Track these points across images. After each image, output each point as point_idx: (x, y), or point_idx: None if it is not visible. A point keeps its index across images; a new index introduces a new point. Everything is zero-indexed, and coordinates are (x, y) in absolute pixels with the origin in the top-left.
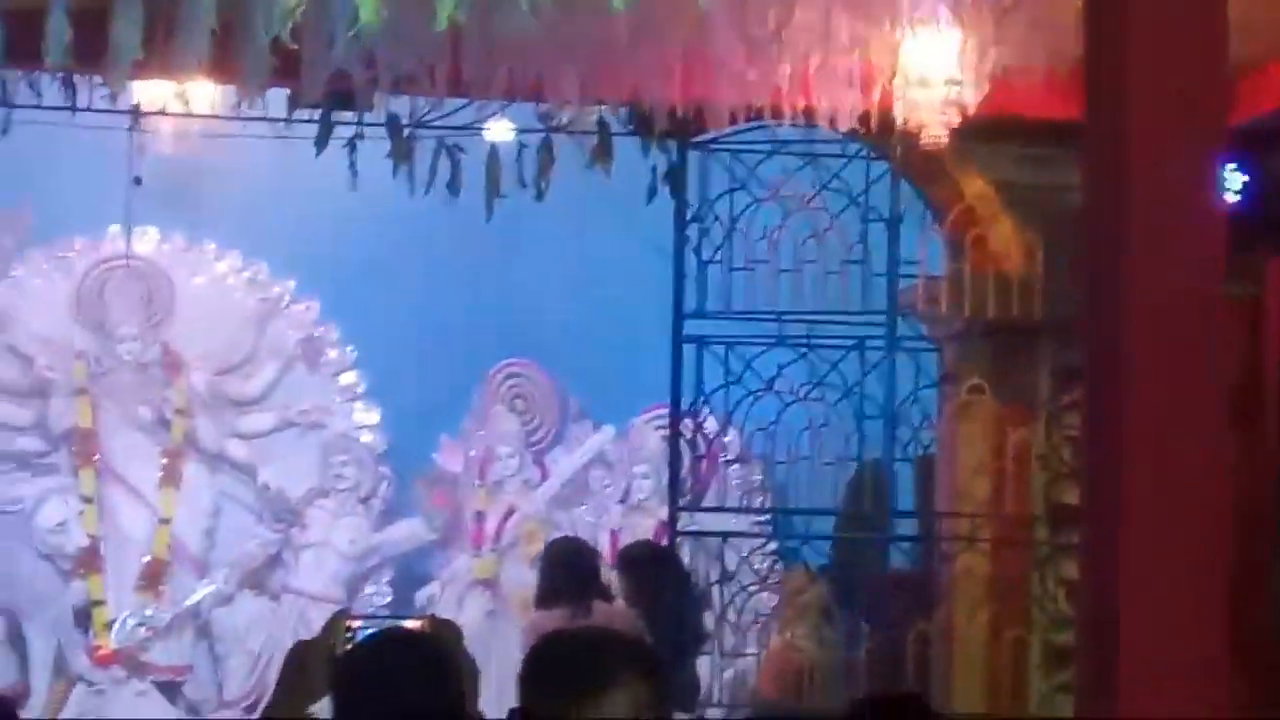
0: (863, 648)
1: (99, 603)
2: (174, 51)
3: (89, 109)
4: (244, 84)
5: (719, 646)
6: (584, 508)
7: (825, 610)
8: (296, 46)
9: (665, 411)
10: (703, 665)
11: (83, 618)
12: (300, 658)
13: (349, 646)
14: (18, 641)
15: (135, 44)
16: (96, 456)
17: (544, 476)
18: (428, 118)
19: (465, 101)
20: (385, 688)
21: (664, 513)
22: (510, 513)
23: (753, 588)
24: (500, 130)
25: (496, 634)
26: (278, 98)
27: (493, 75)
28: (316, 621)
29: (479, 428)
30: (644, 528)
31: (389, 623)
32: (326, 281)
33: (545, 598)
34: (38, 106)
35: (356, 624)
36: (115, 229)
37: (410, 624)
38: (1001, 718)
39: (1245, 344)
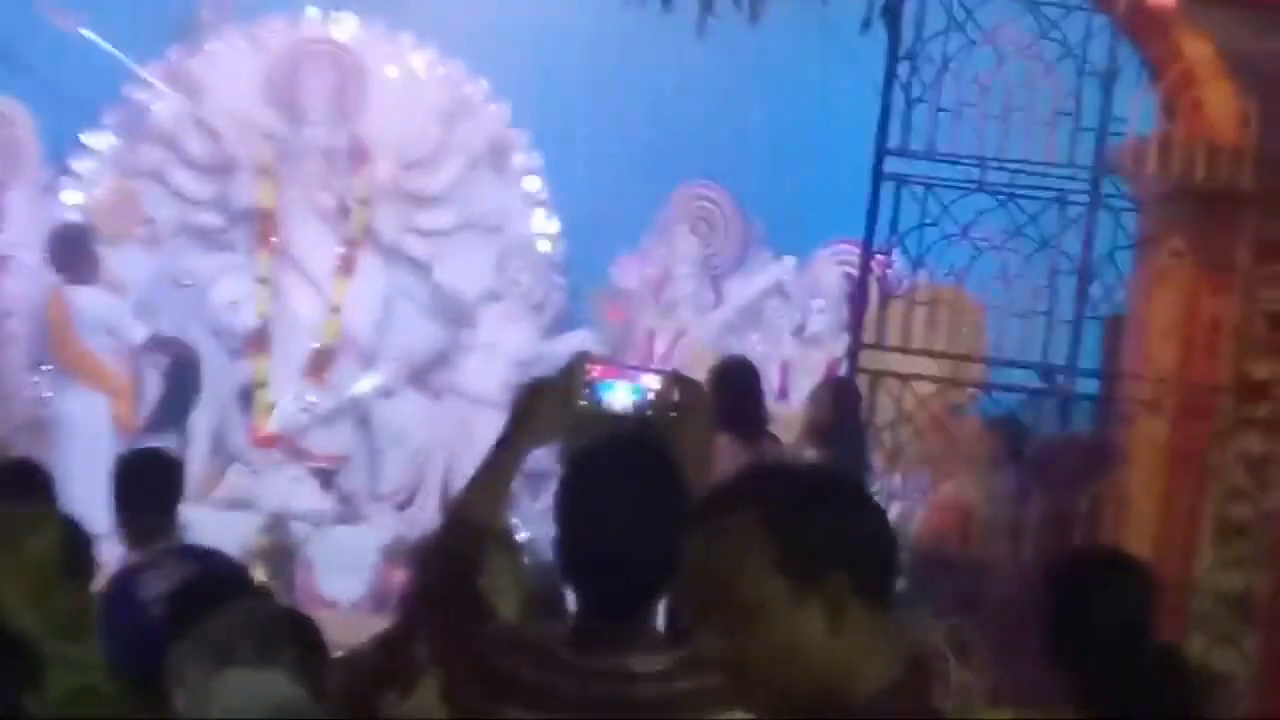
0: (1031, 505)
1: (263, 385)
2: None
3: None
4: None
5: (886, 488)
6: (756, 336)
7: (997, 463)
8: None
9: (849, 246)
10: None
11: (245, 398)
12: (535, 397)
13: (584, 445)
14: None
15: None
16: (274, 238)
17: (719, 301)
18: None
19: None
20: (616, 494)
21: (837, 348)
22: (681, 334)
23: (926, 433)
24: None
25: None
26: None
27: None
28: (477, 424)
29: (659, 246)
30: (815, 361)
31: (627, 374)
32: (520, 86)
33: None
34: None
35: (596, 370)
36: (314, 12)
37: (650, 377)
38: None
39: None
